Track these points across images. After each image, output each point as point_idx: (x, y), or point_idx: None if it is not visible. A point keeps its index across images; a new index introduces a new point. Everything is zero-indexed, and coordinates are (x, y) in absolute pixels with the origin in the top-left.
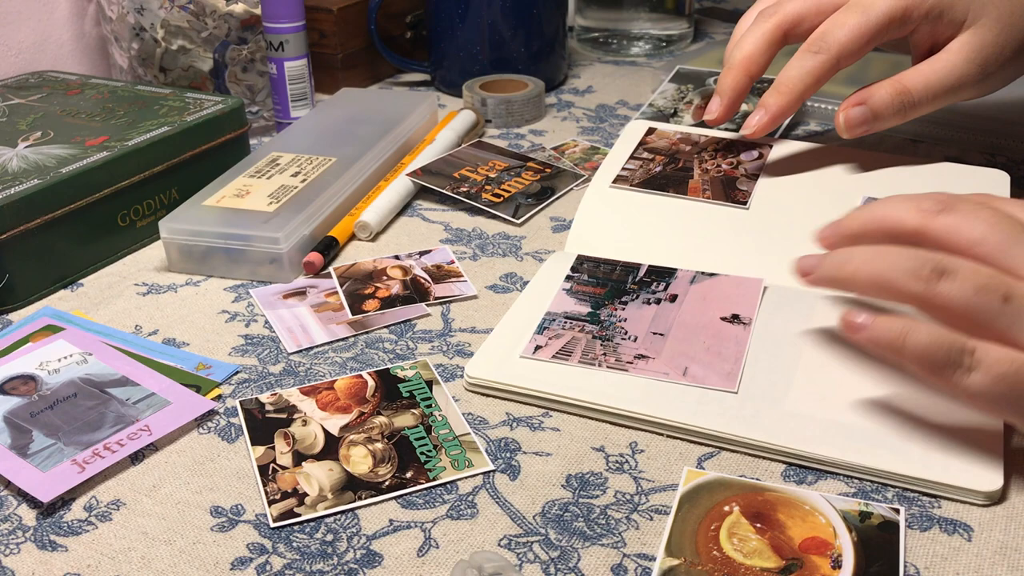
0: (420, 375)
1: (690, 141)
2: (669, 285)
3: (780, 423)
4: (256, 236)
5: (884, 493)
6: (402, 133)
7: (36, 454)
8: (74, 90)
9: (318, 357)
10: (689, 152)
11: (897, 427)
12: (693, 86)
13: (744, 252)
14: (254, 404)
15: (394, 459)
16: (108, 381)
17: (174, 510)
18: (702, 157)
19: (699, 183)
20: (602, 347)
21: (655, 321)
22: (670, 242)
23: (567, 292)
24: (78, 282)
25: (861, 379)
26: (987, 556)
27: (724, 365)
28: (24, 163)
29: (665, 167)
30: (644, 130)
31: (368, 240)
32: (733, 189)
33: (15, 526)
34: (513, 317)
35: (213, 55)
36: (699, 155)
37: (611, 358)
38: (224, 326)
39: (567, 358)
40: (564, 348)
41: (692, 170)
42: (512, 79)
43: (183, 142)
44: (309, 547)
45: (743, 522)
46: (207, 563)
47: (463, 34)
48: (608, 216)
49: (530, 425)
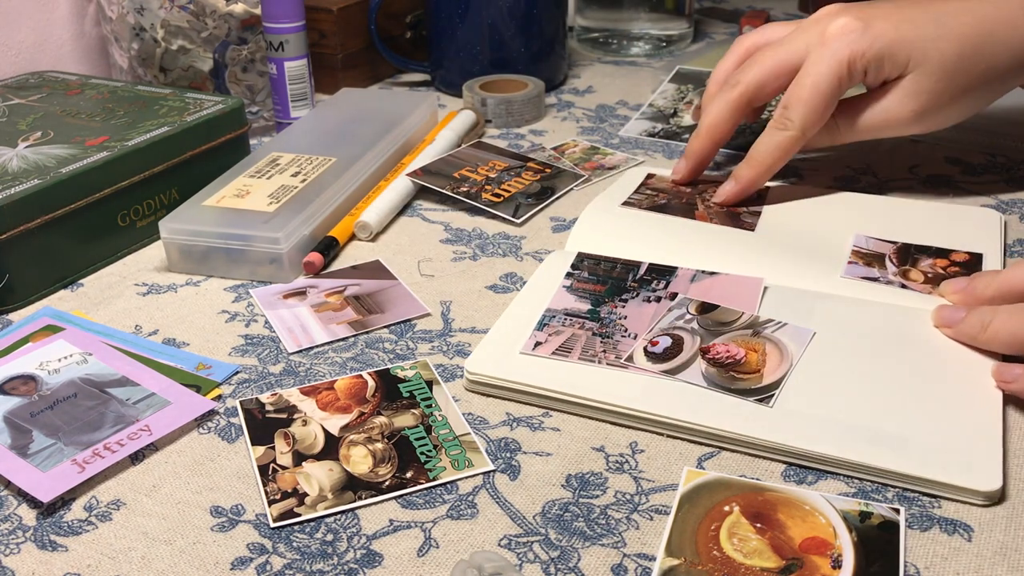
0: (420, 375)
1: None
2: (669, 283)
3: (780, 421)
4: (256, 236)
5: (884, 493)
6: (402, 133)
7: (36, 454)
8: (74, 90)
9: (318, 357)
10: (691, 193)
11: (897, 426)
12: (693, 86)
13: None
14: (254, 404)
15: (394, 459)
16: (108, 381)
17: (174, 510)
18: (704, 196)
19: (705, 214)
20: (602, 344)
21: (655, 319)
22: (670, 245)
23: (567, 289)
24: (78, 282)
25: (861, 379)
26: (987, 556)
27: None
28: (24, 163)
29: (670, 201)
30: (644, 175)
31: (368, 240)
32: (738, 220)
33: (15, 526)
34: (512, 315)
35: (213, 55)
36: (701, 195)
37: (611, 355)
38: (224, 326)
39: (567, 355)
40: (564, 345)
41: (696, 206)
42: (512, 79)
43: (183, 142)
44: (309, 547)
45: (743, 522)
46: (207, 563)
47: (463, 34)
48: (611, 223)
49: (530, 425)
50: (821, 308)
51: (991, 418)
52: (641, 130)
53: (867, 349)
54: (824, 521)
